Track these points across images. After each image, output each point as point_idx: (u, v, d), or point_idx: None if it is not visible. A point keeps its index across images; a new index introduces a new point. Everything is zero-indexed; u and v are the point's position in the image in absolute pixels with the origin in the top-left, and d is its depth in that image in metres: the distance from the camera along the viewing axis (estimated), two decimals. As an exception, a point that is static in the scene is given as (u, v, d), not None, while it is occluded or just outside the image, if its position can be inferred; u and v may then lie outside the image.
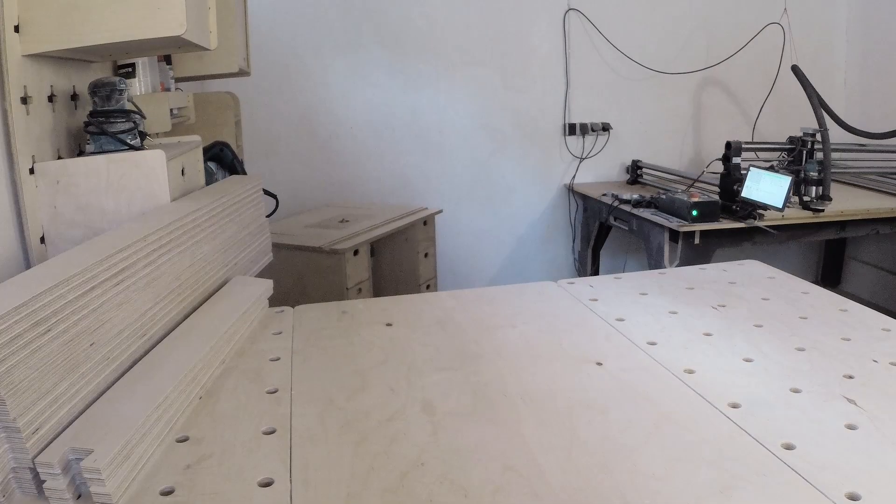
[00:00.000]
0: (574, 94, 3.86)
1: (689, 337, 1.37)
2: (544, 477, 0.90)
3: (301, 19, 3.47)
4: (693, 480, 0.89)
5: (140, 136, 1.51)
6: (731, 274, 1.79)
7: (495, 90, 3.78)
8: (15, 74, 1.30)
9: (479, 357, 1.30)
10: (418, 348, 1.34)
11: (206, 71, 2.45)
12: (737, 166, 2.98)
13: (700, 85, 3.98)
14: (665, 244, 2.97)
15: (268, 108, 3.44)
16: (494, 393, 1.15)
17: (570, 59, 3.82)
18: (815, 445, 0.96)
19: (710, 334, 1.38)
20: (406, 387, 1.17)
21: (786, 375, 1.18)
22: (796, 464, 0.91)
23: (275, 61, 3.39)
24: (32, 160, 1.34)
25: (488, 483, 0.89)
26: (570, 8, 3.76)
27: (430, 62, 3.67)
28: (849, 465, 0.91)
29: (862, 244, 4.08)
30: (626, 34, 3.83)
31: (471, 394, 1.14)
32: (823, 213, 3.01)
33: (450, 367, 1.25)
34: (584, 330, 1.43)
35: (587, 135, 3.92)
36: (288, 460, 0.94)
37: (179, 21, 1.37)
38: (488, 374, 1.22)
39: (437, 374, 1.22)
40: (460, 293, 1.68)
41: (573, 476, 0.90)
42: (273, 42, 3.37)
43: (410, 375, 1.21)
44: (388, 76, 3.63)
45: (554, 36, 3.80)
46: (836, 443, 0.96)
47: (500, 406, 1.10)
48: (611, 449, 0.95)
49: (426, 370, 1.24)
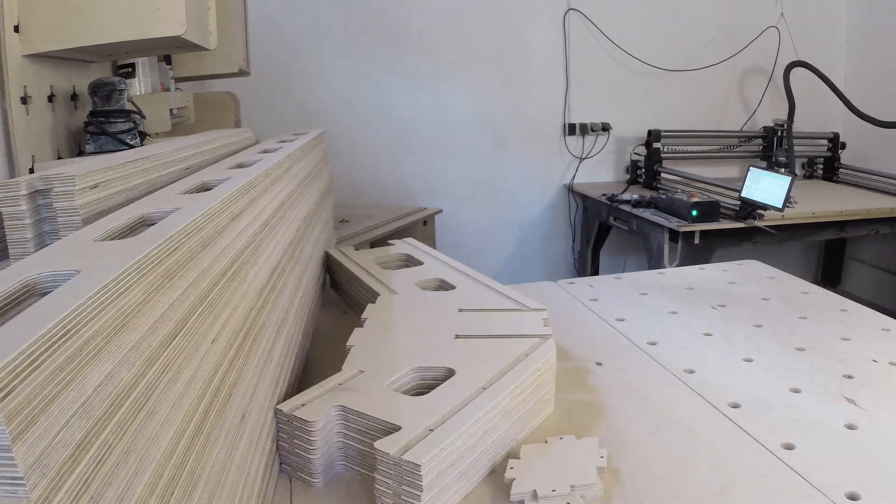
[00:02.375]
0: (574, 94, 3.87)
1: (689, 337, 1.37)
2: (544, 477, 0.90)
3: (301, 19, 3.47)
4: (693, 480, 0.89)
5: (140, 136, 1.51)
6: (731, 274, 1.79)
7: (495, 90, 3.78)
8: (15, 74, 1.30)
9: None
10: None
11: (206, 71, 2.45)
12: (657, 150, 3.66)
13: (700, 84, 3.98)
14: (665, 244, 2.97)
15: (268, 108, 3.44)
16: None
17: (570, 59, 3.82)
18: (815, 445, 0.96)
19: (710, 334, 1.38)
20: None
21: (786, 375, 1.18)
22: (796, 464, 0.91)
23: (275, 61, 3.39)
24: (32, 160, 1.34)
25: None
26: (570, 8, 3.76)
27: (430, 62, 3.67)
28: (848, 465, 0.91)
29: (862, 244, 4.08)
30: (625, 34, 3.83)
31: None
32: (824, 214, 3.02)
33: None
34: (584, 330, 1.43)
35: (587, 135, 3.92)
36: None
37: (179, 21, 1.37)
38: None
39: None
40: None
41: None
42: (273, 42, 3.38)
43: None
44: (388, 76, 3.63)
45: (554, 36, 3.80)
46: (836, 443, 0.96)
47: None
48: (611, 449, 0.95)
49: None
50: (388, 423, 0.85)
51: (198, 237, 0.77)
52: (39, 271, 0.60)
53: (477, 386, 0.93)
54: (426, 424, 0.84)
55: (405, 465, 0.78)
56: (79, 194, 0.82)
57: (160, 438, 0.60)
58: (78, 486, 0.46)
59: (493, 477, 0.88)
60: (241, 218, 0.96)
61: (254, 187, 1.05)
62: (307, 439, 0.89)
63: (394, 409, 0.88)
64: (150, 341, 0.60)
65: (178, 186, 1.02)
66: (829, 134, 3.93)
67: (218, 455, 0.73)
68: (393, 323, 1.20)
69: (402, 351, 1.07)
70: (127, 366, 0.55)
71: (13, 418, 0.40)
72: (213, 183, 1.04)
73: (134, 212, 0.84)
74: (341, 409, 0.91)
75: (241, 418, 0.82)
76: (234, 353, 0.84)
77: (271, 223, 1.12)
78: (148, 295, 0.61)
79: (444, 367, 1.01)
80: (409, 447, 0.80)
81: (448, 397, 0.91)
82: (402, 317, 1.23)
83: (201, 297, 0.74)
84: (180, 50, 1.94)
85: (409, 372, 1.01)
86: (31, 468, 0.41)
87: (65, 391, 0.46)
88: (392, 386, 0.97)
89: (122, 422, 0.53)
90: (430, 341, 1.11)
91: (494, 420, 0.90)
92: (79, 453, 0.47)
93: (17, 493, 0.40)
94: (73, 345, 0.47)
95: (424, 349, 1.07)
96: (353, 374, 1.00)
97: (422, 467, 0.77)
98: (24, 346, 0.42)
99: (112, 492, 0.50)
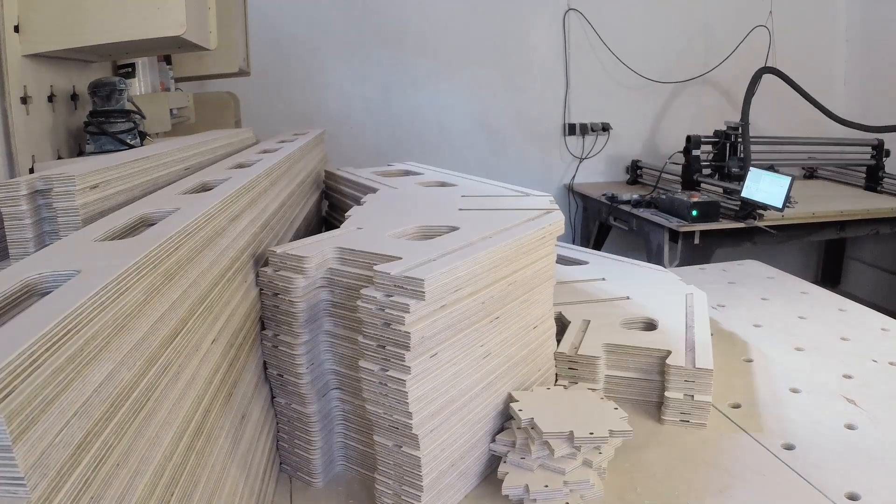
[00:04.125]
0: (574, 94, 3.87)
1: (688, 337, 1.37)
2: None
3: (301, 19, 3.47)
4: (693, 480, 0.89)
5: (140, 136, 1.51)
6: (731, 274, 1.79)
7: (495, 90, 3.78)
8: (15, 74, 1.30)
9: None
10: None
11: (206, 71, 2.45)
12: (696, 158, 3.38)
13: (700, 85, 3.98)
14: (665, 244, 2.97)
15: (268, 108, 3.43)
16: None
17: (570, 60, 3.82)
18: (815, 445, 0.96)
19: (711, 334, 1.38)
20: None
21: (785, 375, 1.18)
22: (796, 464, 0.91)
23: (275, 61, 3.39)
24: (32, 160, 1.34)
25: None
26: (570, 8, 3.76)
27: (430, 62, 3.67)
28: (849, 465, 0.91)
29: (862, 244, 4.08)
30: (625, 34, 3.83)
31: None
32: (824, 214, 3.02)
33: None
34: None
35: (587, 135, 3.92)
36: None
37: (179, 21, 1.37)
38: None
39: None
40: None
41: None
42: (273, 42, 3.37)
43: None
44: (388, 76, 3.63)
45: (554, 36, 3.80)
46: (836, 443, 0.96)
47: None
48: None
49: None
50: (388, 256, 0.82)
51: (198, 237, 0.77)
52: (40, 271, 0.60)
53: (481, 236, 0.92)
54: (429, 256, 0.82)
55: (407, 285, 0.74)
56: (79, 194, 0.82)
57: (160, 438, 0.60)
58: (78, 486, 0.46)
59: (493, 477, 0.88)
60: (241, 218, 0.96)
61: (254, 187, 1.06)
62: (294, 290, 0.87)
63: (395, 249, 0.85)
64: (151, 341, 0.60)
65: (179, 186, 1.02)
66: (874, 141, 3.55)
67: (218, 455, 0.73)
68: (394, 203, 1.20)
69: (404, 215, 1.06)
70: (127, 366, 0.55)
71: (14, 418, 0.40)
72: (213, 183, 1.04)
73: (134, 212, 0.84)
74: (339, 250, 0.88)
75: (241, 418, 0.83)
76: (235, 353, 0.84)
77: (271, 223, 1.12)
78: (148, 295, 0.61)
79: (447, 225, 0.99)
80: (410, 269, 0.77)
81: (451, 244, 0.88)
82: (403, 200, 1.22)
83: (201, 297, 0.74)
84: (180, 50, 1.94)
85: (412, 228, 0.99)
86: (32, 468, 0.41)
87: (65, 391, 0.46)
88: (394, 236, 0.95)
89: (122, 422, 0.53)
90: (433, 211, 1.10)
91: (496, 264, 0.87)
92: (79, 453, 0.47)
93: (17, 494, 0.41)
94: (73, 345, 0.48)
95: (427, 215, 1.06)
96: (352, 231, 0.98)
97: (425, 283, 0.73)
98: (25, 346, 0.42)
99: (112, 492, 0.51)
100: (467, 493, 0.87)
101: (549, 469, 0.84)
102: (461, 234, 0.94)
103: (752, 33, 3.91)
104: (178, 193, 0.96)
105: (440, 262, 0.79)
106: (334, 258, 0.89)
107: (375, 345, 0.77)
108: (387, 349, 0.76)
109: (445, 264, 0.79)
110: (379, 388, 0.78)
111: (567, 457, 0.84)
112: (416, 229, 1.00)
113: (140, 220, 0.82)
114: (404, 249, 0.85)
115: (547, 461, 0.84)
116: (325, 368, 0.92)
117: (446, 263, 0.79)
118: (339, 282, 0.88)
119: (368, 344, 0.78)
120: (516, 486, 0.82)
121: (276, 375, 0.92)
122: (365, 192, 1.35)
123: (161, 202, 0.89)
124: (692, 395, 1.02)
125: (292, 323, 0.88)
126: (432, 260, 0.80)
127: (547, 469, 0.84)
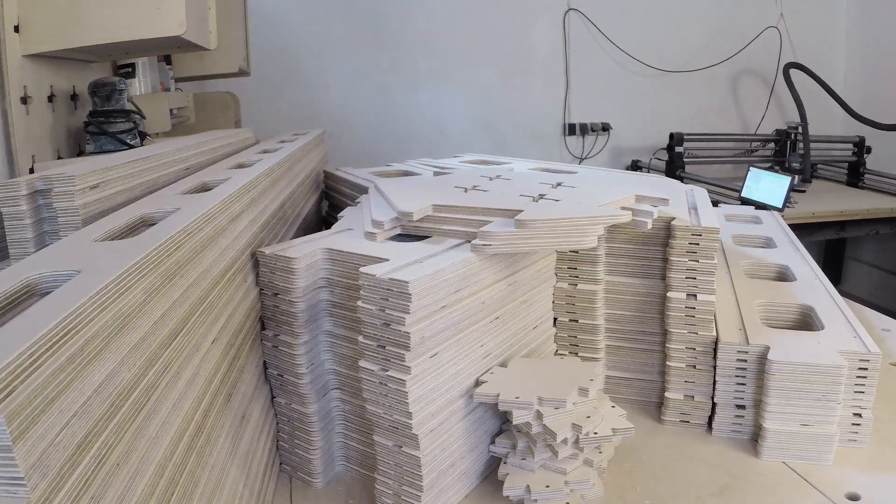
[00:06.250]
0: (574, 94, 3.86)
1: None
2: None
3: (301, 19, 3.47)
4: (693, 480, 0.89)
5: (140, 136, 1.51)
6: (730, 274, 1.78)
7: (495, 90, 3.78)
8: (15, 74, 1.30)
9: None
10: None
11: (206, 71, 2.45)
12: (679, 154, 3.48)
13: (700, 85, 3.98)
14: (665, 244, 2.96)
15: (268, 108, 3.43)
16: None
17: (570, 59, 3.82)
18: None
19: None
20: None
21: (786, 375, 1.18)
22: (796, 464, 0.91)
23: (275, 61, 3.39)
24: (32, 160, 1.34)
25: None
26: (570, 8, 3.76)
27: (430, 62, 3.67)
28: (848, 465, 0.91)
29: (862, 244, 4.08)
30: (625, 34, 3.82)
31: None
32: (824, 214, 3.02)
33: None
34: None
35: (587, 135, 3.92)
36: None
37: (179, 21, 1.37)
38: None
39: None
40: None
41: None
42: (273, 42, 3.37)
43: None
44: (389, 76, 3.63)
45: (554, 36, 3.80)
46: (836, 443, 0.96)
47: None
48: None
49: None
50: (375, 258, 0.83)
51: (198, 237, 0.77)
52: (40, 271, 0.60)
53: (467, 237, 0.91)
54: (415, 258, 0.82)
55: (393, 287, 0.75)
56: (79, 194, 0.82)
57: (161, 439, 0.60)
58: (78, 486, 0.46)
59: (493, 477, 0.88)
60: (241, 218, 0.96)
61: (254, 187, 1.06)
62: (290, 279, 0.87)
63: (383, 251, 0.85)
64: (151, 342, 0.60)
65: (179, 187, 1.02)
66: (855, 138, 3.64)
67: (218, 455, 0.73)
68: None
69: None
70: (127, 366, 0.55)
71: (14, 419, 0.40)
72: (213, 183, 1.04)
73: (134, 212, 0.84)
74: (327, 251, 0.89)
75: (241, 418, 0.83)
76: (235, 353, 0.84)
77: (271, 223, 1.13)
78: (148, 295, 0.61)
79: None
80: (395, 270, 0.77)
81: (440, 245, 0.88)
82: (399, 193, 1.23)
83: (201, 297, 0.74)
84: (180, 50, 1.94)
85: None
86: (32, 468, 0.41)
87: (65, 391, 0.46)
88: (383, 237, 0.95)
89: (122, 422, 0.53)
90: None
91: (484, 265, 0.87)
92: (79, 454, 0.47)
93: (17, 494, 0.41)
94: (73, 345, 0.47)
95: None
96: (342, 231, 0.99)
97: (410, 285, 0.73)
98: (25, 346, 0.42)
99: (113, 492, 0.51)
100: (467, 494, 0.87)
101: (550, 469, 0.84)
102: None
103: (756, 33, 3.90)
104: (178, 193, 0.96)
105: (427, 264, 0.80)
106: (323, 259, 0.89)
107: (375, 345, 0.77)
108: (387, 349, 0.76)
109: (431, 266, 0.79)
110: (379, 388, 0.78)
111: (569, 457, 0.84)
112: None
113: (140, 221, 0.82)
114: (392, 251, 0.85)
115: (549, 462, 0.84)
116: (325, 368, 0.92)
117: (433, 265, 0.79)
118: (338, 282, 0.88)
119: (368, 344, 0.78)
120: (517, 488, 0.83)
121: (276, 375, 0.93)
122: (361, 192, 1.35)
123: (161, 202, 0.89)
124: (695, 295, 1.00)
125: (292, 323, 0.88)
126: (419, 261, 0.81)
127: (548, 469, 0.84)
